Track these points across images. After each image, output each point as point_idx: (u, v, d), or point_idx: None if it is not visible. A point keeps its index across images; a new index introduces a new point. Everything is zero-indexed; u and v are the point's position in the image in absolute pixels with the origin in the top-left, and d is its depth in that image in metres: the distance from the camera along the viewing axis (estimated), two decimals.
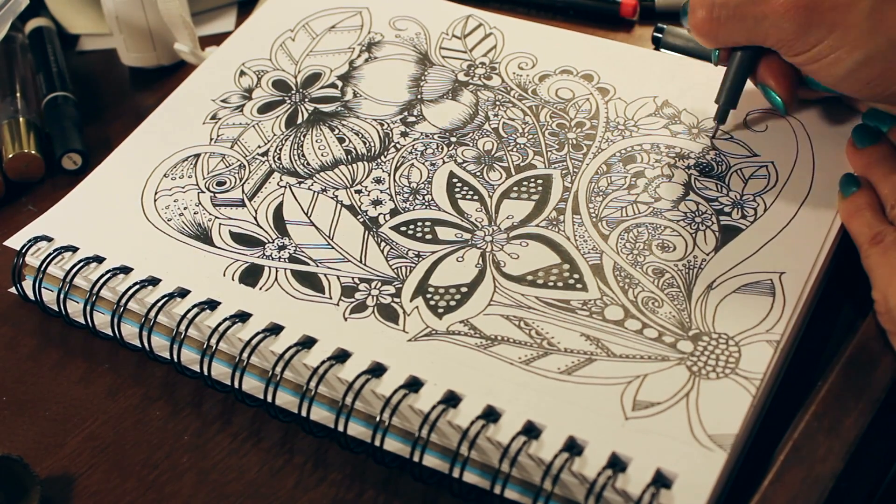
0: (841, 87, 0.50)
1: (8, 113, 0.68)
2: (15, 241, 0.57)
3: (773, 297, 0.49)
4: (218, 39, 0.73)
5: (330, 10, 0.69)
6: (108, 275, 0.54)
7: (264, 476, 0.49)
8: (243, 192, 0.58)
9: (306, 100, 0.63)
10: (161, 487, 0.49)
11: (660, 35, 0.68)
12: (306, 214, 0.56)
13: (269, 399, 0.49)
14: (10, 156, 0.65)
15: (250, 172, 0.59)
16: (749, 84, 0.59)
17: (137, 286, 0.53)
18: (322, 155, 0.60)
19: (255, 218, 0.56)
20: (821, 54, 0.49)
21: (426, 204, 0.56)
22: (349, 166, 0.59)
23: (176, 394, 0.53)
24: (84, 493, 0.49)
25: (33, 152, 0.66)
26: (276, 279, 0.53)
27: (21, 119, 0.68)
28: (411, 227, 0.55)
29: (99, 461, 0.50)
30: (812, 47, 0.49)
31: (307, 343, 0.50)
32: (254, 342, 0.50)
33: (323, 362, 0.48)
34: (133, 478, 0.49)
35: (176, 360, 0.52)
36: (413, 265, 0.53)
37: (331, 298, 0.52)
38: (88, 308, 0.54)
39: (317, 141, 0.60)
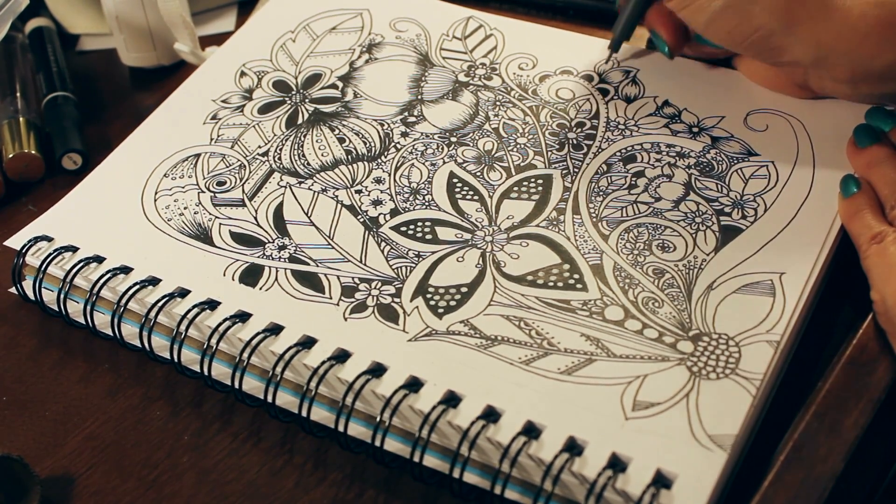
0: (707, 34, 0.54)
1: (8, 113, 0.68)
2: (15, 241, 0.57)
3: (774, 297, 0.49)
4: (218, 39, 0.73)
5: (330, 12, 0.69)
6: (109, 275, 0.54)
7: (264, 476, 0.49)
8: (243, 191, 0.58)
9: (307, 100, 0.63)
10: (161, 487, 0.49)
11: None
12: (306, 214, 0.56)
13: (270, 399, 0.49)
14: (10, 156, 0.65)
15: (250, 172, 0.59)
16: (747, 83, 0.59)
17: (137, 286, 0.53)
18: (322, 155, 0.60)
19: (256, 218, 0.56)
20: (687, 0, 0.53)
21: (426, 204, 0.56)
22: (349, 166, 0.59)
23: (176, 394, 0.53)
24: (84, 493, 0.49)
25: (33, 152, 0.66)
26: (276, 279, 0.53)
27: (21, 119, 0.68)
28: (411, 227, 0.55)
29: (99, 461, 0.50)
30: None
31: (307, 343, 0.50)
32: (254, 342, 0.50)
33: (323, 362, 0.48)
34: (133, 478, 0.49)
35: (176, 360, 0.52)
36: (413, 265, 0.53)
37: (331, 298, 0.52)
38: (89, 308, 0.54)
39: (317, 141, 0.60)
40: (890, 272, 0.47)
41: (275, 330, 0.50)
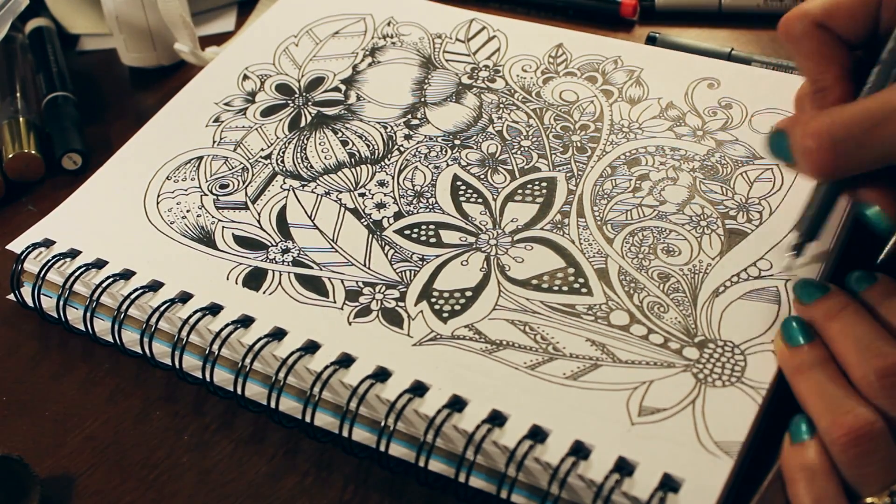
0: None
1: (8, 113, 0.68)
2: (17, 246, 0.57)
3: (779, 304, 0.48)
4: (218, 39, 0.73)
5: (333, 17, 0.69)
6: (108, 281, 0.53)
7: (265, 476, 0.49)
8: (246, 195, 0.58)
9: (309, 103, 0.63)
10: (161, 487, 0.49)
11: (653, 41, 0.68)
12: (310, 218, 0.56)
13: (273, 405, 0.49)
14: (10, 156, 0.65)
15: (253, 175, 0.59)
16: (752, 85, 0.59)
17: (138, 291, 0.53)
18: (325, 158, 0.59)
19: (259, 221, 0.56)
20: None
21: (430, 207, 0.56)
22: (353, 169, 0.58)
23: (177, 394, 0.52)
24: (84, 493, 0.49)
25: (33, 152, 0.65)
26: (279, 283, 0.53)
27: (21, 119, 0.67)
28: (415, 230, 0.55)
29: (99, 461, 0.50)
30: None
31: (311, 348, 0.49)
32: (257, 347, 0.49)
33: (327, 367, 0.48)
34: (133, 478, 0.49)
35: (178, 366, 0.51)
36: (417, 269, 0.53)
37: (335, 302, 0.51)
38: (88, 315, 0.53)
39: (320, 144, 0.60)
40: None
41: (278, 334, 0.50)
